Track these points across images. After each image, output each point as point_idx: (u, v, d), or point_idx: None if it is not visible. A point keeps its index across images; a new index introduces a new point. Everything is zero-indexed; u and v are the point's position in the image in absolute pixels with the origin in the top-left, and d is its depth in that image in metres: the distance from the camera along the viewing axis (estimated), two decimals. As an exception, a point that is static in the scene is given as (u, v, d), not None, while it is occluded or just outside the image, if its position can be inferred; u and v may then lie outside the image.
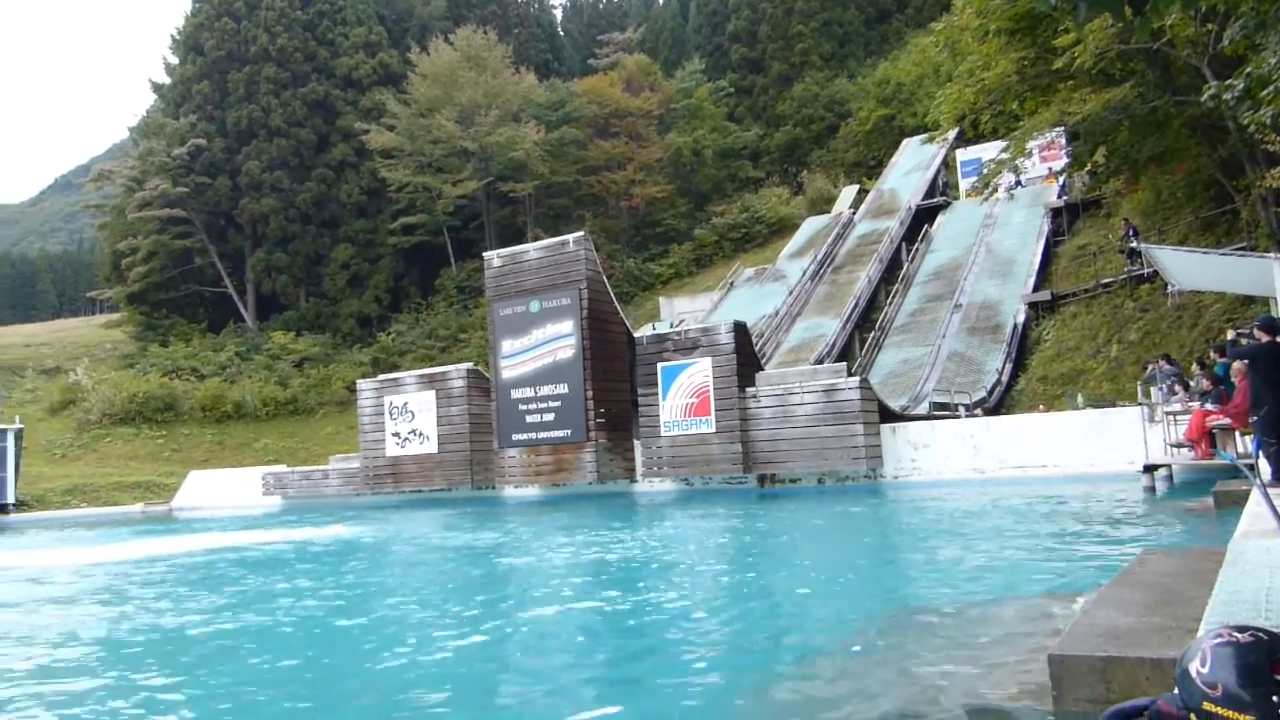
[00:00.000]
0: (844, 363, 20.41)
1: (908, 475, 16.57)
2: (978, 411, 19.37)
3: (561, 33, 69.09)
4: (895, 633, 5.34)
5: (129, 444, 32.84)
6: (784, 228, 39.42)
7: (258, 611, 7.30)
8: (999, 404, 20.58)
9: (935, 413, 19.16)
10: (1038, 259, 26.15)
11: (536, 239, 26.95)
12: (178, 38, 48.42)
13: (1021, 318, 23.43)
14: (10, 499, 24.99)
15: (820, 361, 23.39)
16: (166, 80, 48.81)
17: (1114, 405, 15.84)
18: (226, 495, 25.73)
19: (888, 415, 17.52)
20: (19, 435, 25.69)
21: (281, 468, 26.80)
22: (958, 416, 18.40)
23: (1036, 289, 24.51)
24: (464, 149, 40.35)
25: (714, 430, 18.26)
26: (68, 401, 35.65)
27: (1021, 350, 22.65)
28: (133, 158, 46.05)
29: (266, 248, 43.99)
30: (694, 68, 50.43)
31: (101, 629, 6.75)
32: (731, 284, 32.82)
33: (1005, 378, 21.60)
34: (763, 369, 19.84)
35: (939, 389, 20.98)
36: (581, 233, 21.50)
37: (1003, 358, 22.21)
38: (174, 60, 48.52)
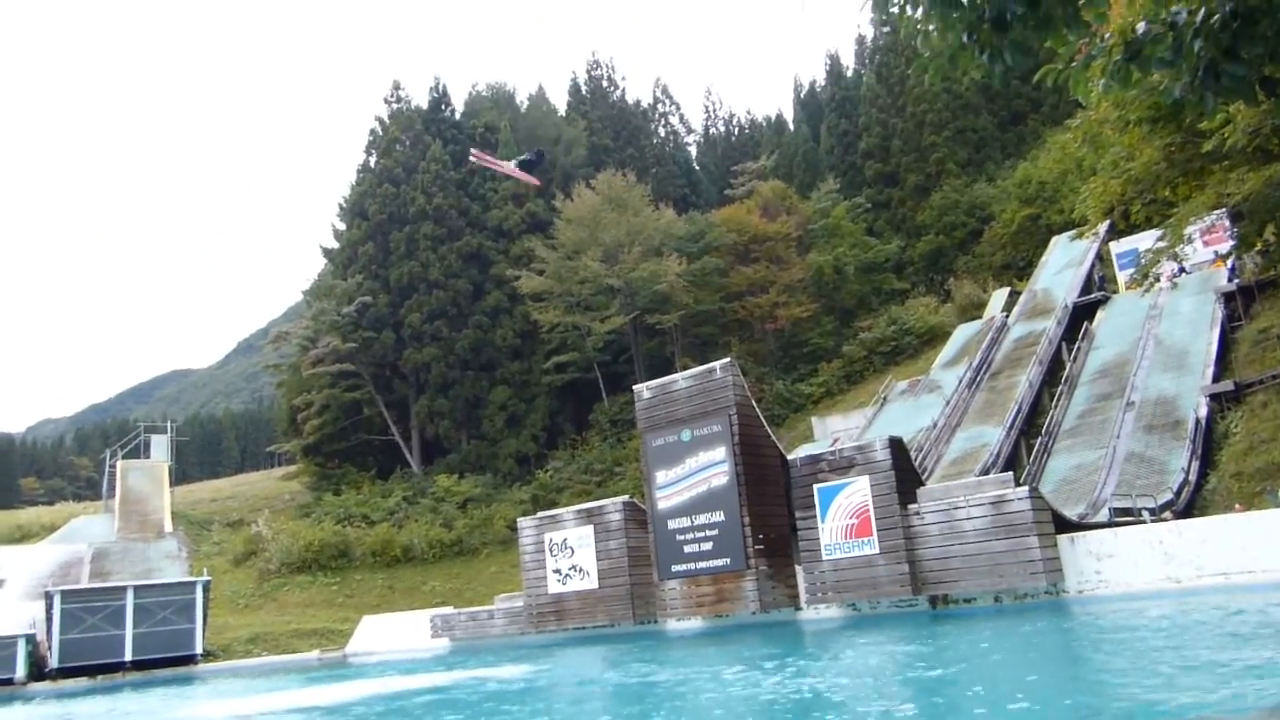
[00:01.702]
0: (1011, 472, 19.43)
1: (1093, 589, 15.39)
2: (1166, 515, 17.98)
3: (697, 167, 71.41)
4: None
5: (305, 591, 34.26)
6: (935, 337, 38.58)
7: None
8: (1189, 506, 19.05)
9: (1117, 519, 17.89)
10: (1214, 347, 24.55)
11: (685, 368, 27.27)
12: (344, 205, 52.70)
13: (1204, 411, 21.86)
14: (198, 650, 26.26)
15: (985, 472, 22.39)
16: (335, 245, 52.96)
17: (1324, 501, 14.42)
18: (397, 639, 26.30)
19: (1064, 525, 16.45)
20: (206, 587, 27.16)
21: (449, 610, 27.28)
22: (1143, 521, 17.12)
23: (1216, 379, 22.92)
24: (610, 286, 41.66)
25: (878, 551, 17.56)
26: (250, 552, 37.67)
27: (1208, 446, 21.05)
28: (306, 318, 49.71)
29: (429, 394, 46.11)
30: (829, 187, 50.99)
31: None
32: (884, 399, 32.11)
33: (1193, 477, 20.04)
34: (924, 484, 19.10)
35: (1119, 493, 19.65)
36: (728, 359, 21.59)
37: (1187, 455, 20.67)
38: (341, 226, 52.70)
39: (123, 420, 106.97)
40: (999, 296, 37.52)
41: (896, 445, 18.18)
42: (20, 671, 24.31)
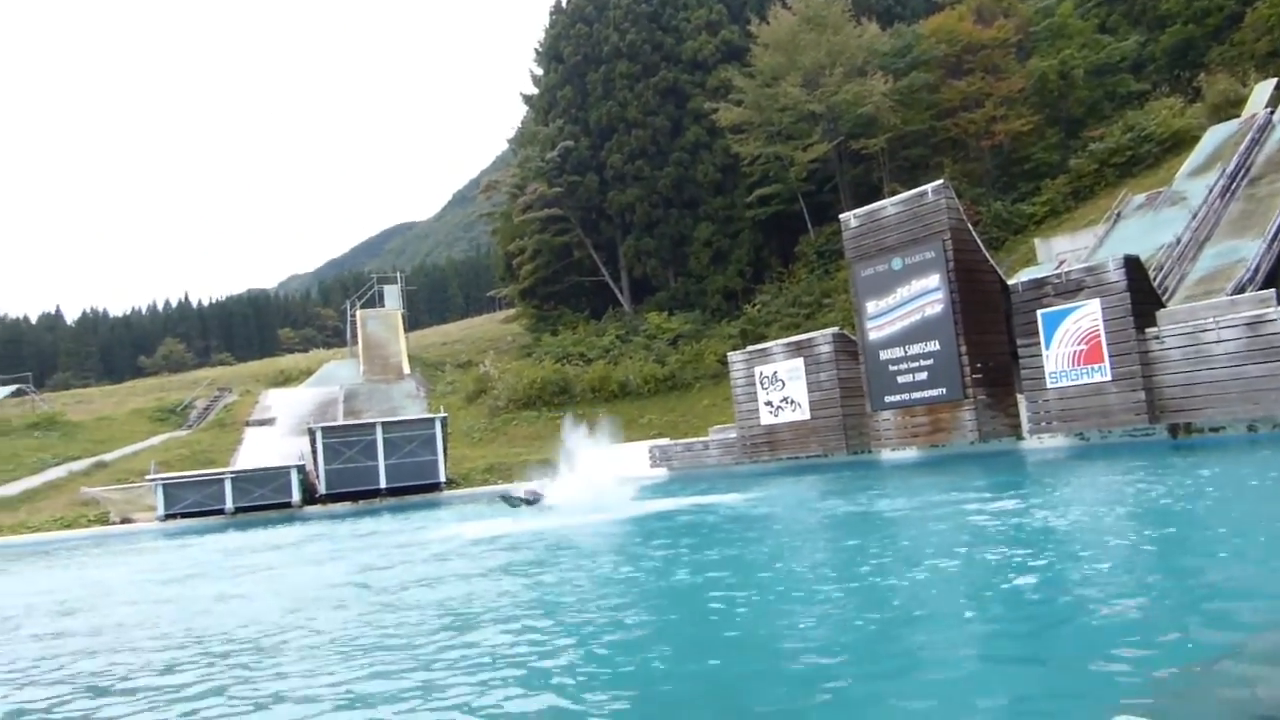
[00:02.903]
0: (1273, 290, 17.56)
1: (1370, 416, 13.90)
2: None
3: (902, -27, 65.90)
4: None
5: (531, 425, 36.47)
6: (1179, 143, 34.73)
7: (673, 575, 7.71)
8: None
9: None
10: None
11: (893, 193, 26.01)
12: (540, 50, 52.68)
13: None
14: (442, 478, 28.77)
15: (1240, 290, 20.33)
16: (534, 91, 53.36)
17: None
18: (619, 468, 27.65)
19: (1335, 346, 14.81)
20: (444, 422, 29.47)
21: (665, 441, 28.32)
22: None
23: None
24: (811, 112, 39.90)
25: (1110, 378, 16.56)
26: (479, 390, 40.37)
27: None
28: (513, 166, 50.97)
29: (635, 234, 46.62)
30: (1054, -19, 45.84)
31: (539, 588, 7.45)
32: (1118, 215, 29.51)
33: None
34: (1164, 305, 17.66)
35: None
36: (940, 181, 20.40)
37: None
38: (539, 71, 52.89)
39: (358, 273, 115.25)
40: (1263, 90, 32.99)
41: (1133, 264, 16.83)
42: (295, 496, 27.59)
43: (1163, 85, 41.81)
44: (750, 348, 25.66)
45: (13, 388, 46.61)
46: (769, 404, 23.56)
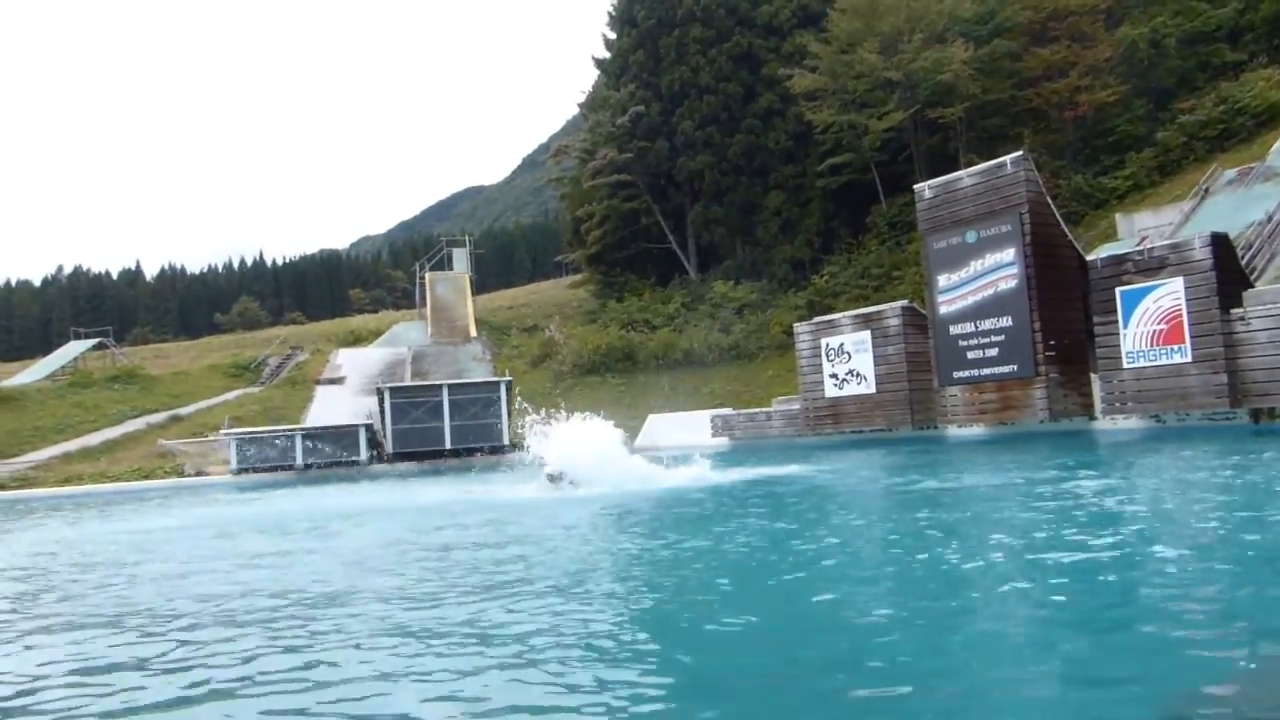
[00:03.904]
0: (1367, 271, 16.85)
1: None
2: None
3: (987, -63, 63.84)
4: None
5: (595, 391, 36.65)
6: (1276, 116, 33.27)
7: (731, 548, 7.72)
8: None
9: None
10: None
11: (970, 164, 25.38)
12: (613, 13, 52.34)
13: None
14: (506, 441, 29.11)
15: (1332, 272, 19.54)
16: (606, 55, 53.12)
17: None
18: (680, 436, 27.69)
19: None
20: (509, 386, 29.78)
21: (728, 410, 28.28)
22: None
23: None
24: (888, 80, 39.06)
25: (1190, 359, 16.06)
26: (544, 355, 40.68)
27: None
28: (583, 131, 50.93)
29: (703, 202, 46.33)
30: (1148, -54, 43.97)
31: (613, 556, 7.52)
32: (1206, 190, 28.46)
33: None
34: (1252, 285, 17.02)
35: None
36: (1020, 152, 19.87)
37: None
38: (612, 35, 52.58)
39: (428, 235, 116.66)
40: (1365, 63, 31.47)
41: (1219, 242, 16.25)
42: (363, 454, 28.20)
43: (1261, 55, 39.97)
44: (817, 319, 25.44)
45: (94, 341, 48.32)
46: (834, 376, 23.34)
